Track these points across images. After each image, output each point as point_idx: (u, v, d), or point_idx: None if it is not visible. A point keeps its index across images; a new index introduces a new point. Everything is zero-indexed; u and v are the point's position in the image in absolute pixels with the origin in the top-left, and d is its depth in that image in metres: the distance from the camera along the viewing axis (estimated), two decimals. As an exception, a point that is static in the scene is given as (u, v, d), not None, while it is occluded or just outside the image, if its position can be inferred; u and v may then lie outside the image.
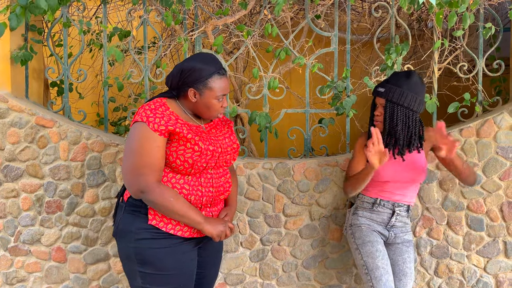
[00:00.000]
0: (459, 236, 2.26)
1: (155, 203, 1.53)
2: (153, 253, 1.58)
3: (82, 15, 2.52)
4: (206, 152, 1.60)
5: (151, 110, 1.59)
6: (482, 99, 2.37)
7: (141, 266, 1.59)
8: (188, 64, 1.62)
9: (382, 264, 1.84)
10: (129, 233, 1.60)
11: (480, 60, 2.34)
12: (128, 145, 1.57)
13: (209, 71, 1.61)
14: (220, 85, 1.63)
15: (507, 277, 2.25)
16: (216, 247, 1.82)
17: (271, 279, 2.33)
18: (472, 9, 2.21)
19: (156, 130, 1.54)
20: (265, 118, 2.34)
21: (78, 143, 2.27)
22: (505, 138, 2.20)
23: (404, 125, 1.83)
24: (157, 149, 1.55)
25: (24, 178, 2.28)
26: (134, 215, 1.61)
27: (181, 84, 1.63)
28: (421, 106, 1.85)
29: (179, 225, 1.61)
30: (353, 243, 1.97)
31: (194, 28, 2.43)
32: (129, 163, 1.55)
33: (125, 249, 1.63)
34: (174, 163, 1.59)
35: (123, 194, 1.70)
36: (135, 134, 1.57)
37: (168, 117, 1.58)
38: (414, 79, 1.83)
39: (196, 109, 1.66)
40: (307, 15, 2.36)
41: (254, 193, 2.28)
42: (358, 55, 3.21)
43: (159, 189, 1.53)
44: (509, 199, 2.21)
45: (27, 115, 2.27)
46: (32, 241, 2.30)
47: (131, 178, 1.54)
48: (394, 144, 1.86)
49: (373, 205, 1.95)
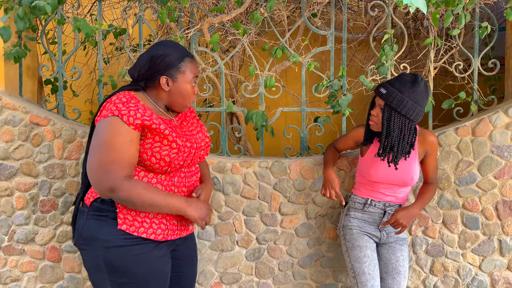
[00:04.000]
0: (455, 234, 2.26)
1: (128, 200, 1.40)
2: (125, 261, 1.47)
3: (76, 13, 2.50)
4: (184, 149, 1.52)
5: (123, 103, 1.46)
6: (478, 98, 2.37)
7: (112, 275, 1.48)
8: (156, 51, 1.52)
9: (368, 270, 1.85)
10: (96, 240, 1.47)
11: (475, 59, 2.35)
12: (96, 140, 1.42)
13: (179, 55, 1.53)
14: (192, 68, 1.55)
15: (502, 275, 2.26)
16: (190, 247, 1.73)
17: (267, 278, 2.32)
18: (468, 9, 2.22)
19: (131, 123, 1.42)
20: (262, 116, 2.34)
21: (73, 141, 2.26)
22: (500, 137, 2.21)
23: (399, 133, 1.78)
24: (130, 144, 1.42)
25: (18, 176, 2.26)
26: (100, 220, 1.49)
27: (152, 73, 1.52)
28: (419, 116, 1.78)
29: (152, 228, 1.50)
30: (343, 245, 1.98)
31: (190, 26, 2.41)
32: (96, 159, 1.40)
33: (93, 259, 1.50)
34: (148, 161, 1.47)
35: (82, 198, 1.58)
36: (106, 128, 1.42)
37: (143, 110, 1.46)
38: (419, 88, 1.75)
39: (170, 98, 1.55)
40: (303, 13, 2.36)
41: (250, 192, 2.28)
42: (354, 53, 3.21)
43: (130, 183, 1.40)
44: (504, 197, 2.22)
45: (21, 113, 2.25)
46: (26, 240, 2.28)
47: (99, 176, 1.39)
48: (390, 150, 1.81)
49: (364, 206, 1.95)
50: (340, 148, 2.14)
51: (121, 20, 2.55)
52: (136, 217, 1.50)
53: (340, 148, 2.14)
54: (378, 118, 1.84)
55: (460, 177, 2.23)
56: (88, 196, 1.54)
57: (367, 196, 1.95)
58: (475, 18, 2.32)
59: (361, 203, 1.96)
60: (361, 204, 1.96)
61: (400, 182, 1.88)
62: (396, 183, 1.89)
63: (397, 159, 1.82)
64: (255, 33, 2.41)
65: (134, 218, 1.49)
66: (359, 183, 2.00)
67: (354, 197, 1.99)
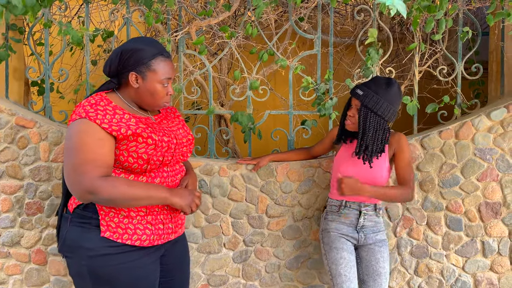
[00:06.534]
0: (438, 236, 2.30)
1: (110, 199, 1.36)
2: (109, 270, 1.43)
3: (64, 15, 2.49)
4: (161, 144, 1.47)
5: (91, 105, 1.42)
6: (461, 102, 2.42)
7: (96, 284, 1.44)
8: (128, 46, 1.47)
9: (344, 271, 1.87)
10: (79, 249, 1.43)
11: (459, 64, 2.39)
12: (66, 145, 1.39)
13: (152, 52, 1.47)
14: (165, 68, 1.49)
15: (485, 276, 2.30)
16: (180, 251, 1.69)
17: (254, 280, 2.33)
18: (451, 14, 2.26)
19: (101, 123, 1.39)
20: (248, 118, 2.35)
21: (59, 143, 2.25)
22: (482, 140, 2.25)
23: (375, 132, 1.84)
24: (100, 143, 1.37)
25: (3, 179, 2.25)
26: (83, 227, 1.45)
27: (121, 68, 1.47)
28: (393, 116, 1.86)
29: (136, 234, 1.46)
30: (322, 248, 2.00)
31: (177, 29, 2.42)
32: (69, 163, 1.36)
33: (76, 267, 1.46)
34: (126, 162, 1.43)
35: (65, 205, 1.55)
36: (74, 131, 1.38)
37: (112, 115, 1.42)
38: (393, 89, 1.83)
39: (139, 97, 1.50)
40: (290, 17, 2.38)
41: (237, 194, 2.29)
42: (341, 57, 3.24)
43: (107, 182, 1.35)
44: (486, 199, 2.27)
45: (7, 115, 2.24)
46: (11, 243, 2.27)
47: (73, 180, 1.35)
48: (365, 148, 1.86)
49: (340, 208, 1.97)
50: (317, 150, 2.23)
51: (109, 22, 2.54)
52: (119, 224, 1.46)
53: (317, 150, 2.23)
54: (354, 118, 1.89)
55: (443, 180, 2.27)
56: (71, 202, 1.51)
57: (341, 197, 1.96)
58: (458, 23, 2.37)
59: (336, 205, 1.99)
60: (336, 206, 1.98)
61: (370, 180, 1.89)
62: (366, 182, 1.87)
63: (371, 158, 1.86)
64: (242, 36, 2.43)
65: (117, 224, 1.46)
66: (333, 186, 2.03)
67: (330, 201, 2.02)
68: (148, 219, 1.51)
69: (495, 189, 2.25)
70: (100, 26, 2.90)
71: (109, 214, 1.46)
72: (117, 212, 1.47)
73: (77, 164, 1.35)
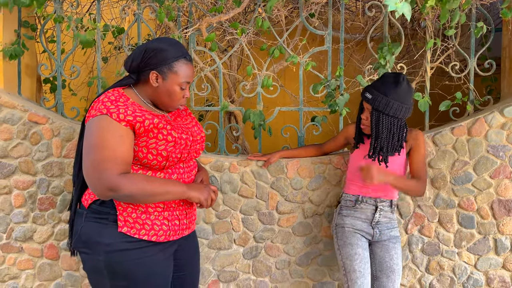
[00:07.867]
0: (450, 233, 2.28)
1: (131, 195, 1.37)
2: (126, 266, 1.44)
3: (75, 12, 2.51)
4: (179, 141, 1.48)
5: (111, 101, 1.42)
6: (474, 98, 2.39)
7: (112, 279, 1.45)
8: (153, 45, 1.48)
9: (359, 267, 1.86)
10: (96, 244, 1.44)
11: (471, 60, 2.37)
12: (87, 142, 1.39)
13: (175, 54, 1.48)
14: (186, 71, 1.50)
15: (497, 274, 2.28)
16: (193, 246, 1.71)
17: (264, 276, 2.34)
18: (464, 9, 2.23)
19: (122, 120, 1.39)
20: (259, 116, 2.35)
21: (71, 139, 2.27)
22: (495, 136, 2.23)
23: (388, 133, 1.83)
24: (121, 140, 1.37)
25: (16, 174, 2.27)
26: (100, 223, 1.45)
27: (143, 66, 1.48)
28: (407, 113, 1.84)
29: (153, 230, 1.48)
30: (335, 243, 2.00)
31: (188, 26, 2.43)
32: (89, 160, 1.36)
33: (93, 262, 1.46)
34: (145, 158, 1.44)
35: (79, 200, 1.55)
36: (95, 127, 1.38)
37: (133, 108, 1.43)
38: (403, 87, 1.80)
39: (157, 96, 1.51)
40: (301, 13, 2.37)
41: (247, 191, 2.29)
42: (352, 53, 3.23)
43: (127, 178, 1.36)
44: (499, 197, 2.24)
45: (20, 111, 2.26)
46: (24, 238, 2.29)
47: (93, 177, 1.35)
48: (379, 150, 1.86)
49: (356, 203, 1.97)
50: (330, 147, 2.22)
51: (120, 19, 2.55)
52: (137, 219, 1.47)
53: (329, 147, 2.22)
54: (368, 121, 1.89)
55: (456, 177, 2.25)
56: (86, 198, 1.51)
57: (358, 192, 1.97)
58: (471, 18, 2.34)
59: (352, 200, 1.98)
60: (352, 201, 1.98)
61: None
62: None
63: (386, 159, 1.85)
64: (253, 32, 2.42)
65: (135, 220, 1.46)
66: (349, 181, 2.02)
67: (346, 196, 2.02)
68: (165, 215, 1.52)
69: (508, 186, 2.23)
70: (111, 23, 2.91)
71: (127, 209, 1.47)
72: (135, 208, 1.47)
73: (98, 161, 1.35)
